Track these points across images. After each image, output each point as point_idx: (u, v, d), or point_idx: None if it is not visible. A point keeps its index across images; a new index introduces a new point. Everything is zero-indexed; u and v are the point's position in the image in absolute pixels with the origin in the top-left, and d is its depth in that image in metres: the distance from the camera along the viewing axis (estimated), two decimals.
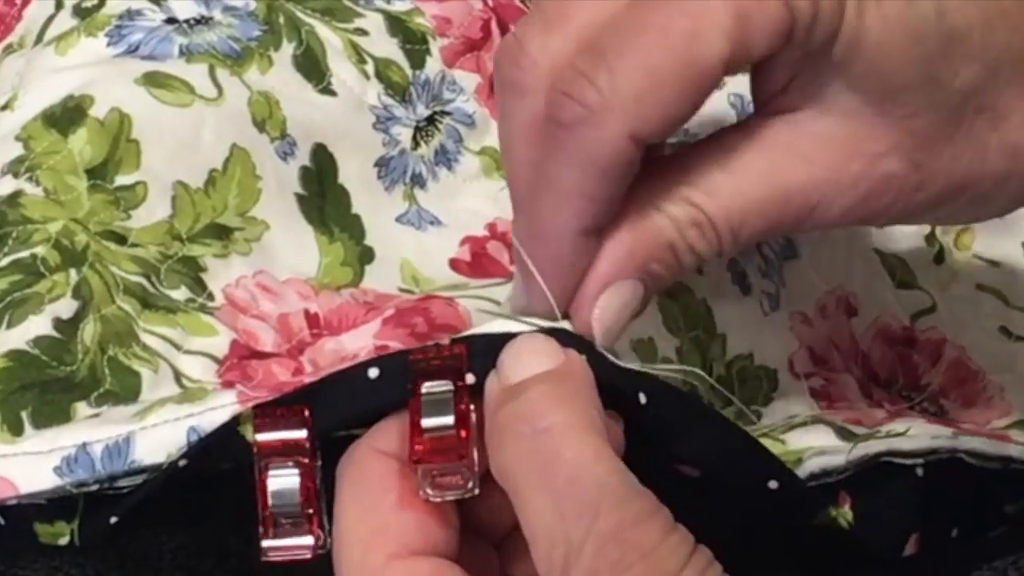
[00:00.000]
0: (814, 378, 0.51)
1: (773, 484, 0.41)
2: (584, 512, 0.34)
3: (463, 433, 0.37)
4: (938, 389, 0.53)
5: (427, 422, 0.37)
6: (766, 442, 0.46)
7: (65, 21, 0.53)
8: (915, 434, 0.45)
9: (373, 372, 0.39)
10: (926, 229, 0.57)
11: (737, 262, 0.51)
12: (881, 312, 0.54)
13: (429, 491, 0.37)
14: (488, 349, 0.38)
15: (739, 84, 0.52)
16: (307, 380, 0.39)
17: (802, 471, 0.43)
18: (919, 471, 0.44)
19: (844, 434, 0.46)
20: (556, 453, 0.35)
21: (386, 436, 0.38)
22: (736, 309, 0.50)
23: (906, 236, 0.57)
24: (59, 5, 0.55)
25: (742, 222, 0.38)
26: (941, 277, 0.57)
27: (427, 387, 0.37)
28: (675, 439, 0.40)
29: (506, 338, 0.38)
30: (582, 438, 0.35)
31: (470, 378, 0.38)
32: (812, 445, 0.45)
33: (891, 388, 0.53)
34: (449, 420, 0.37)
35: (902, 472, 0.44)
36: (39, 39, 0.53)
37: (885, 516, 0.43)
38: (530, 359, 0.37)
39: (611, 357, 0.39)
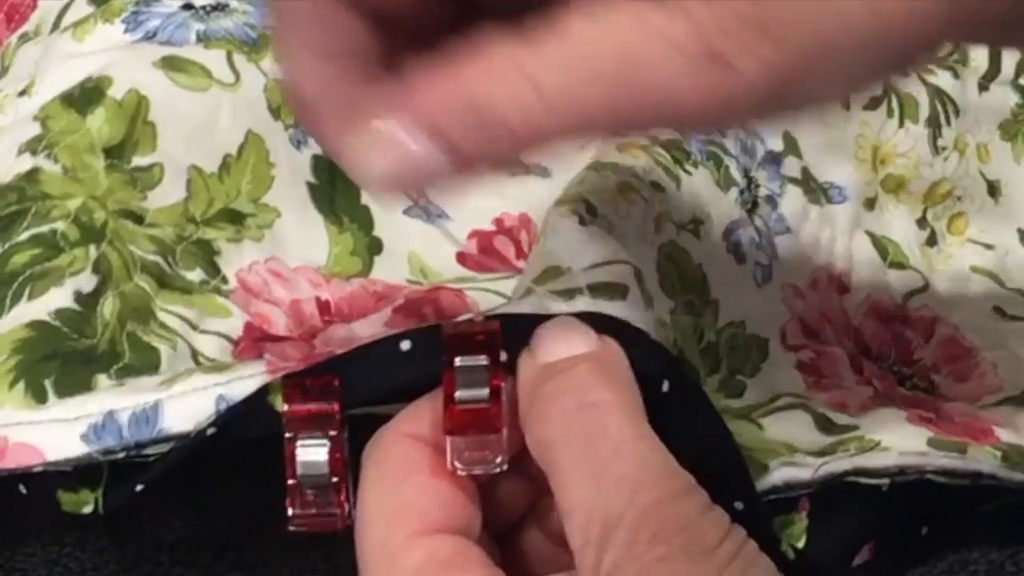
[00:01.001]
0: (804, 351, 0.51)
1: (739, 505, 0.41)
2: (624, 485, 0.34)
3: (496, 407, 0.37)
4: (930, 364, 0.53)
5: (461, 394, 0.37)
6: (743, 425, 0.46)
7: (81, 8, 0.54)
8: (886, 446, 0.45)
9: (405, 345, 0.39)
10: (917, 213, 0.58)
11: (732, 231, 0.51)
12: (873, 290, 0.55)
13: (458, 464, 0.37)
14: (521, 328, 0.38)
15: None
16: (338, 351, 0.39)
17: (768, 481, 0.43)
18: (884, 486, 0.44)
19: (824, 424, 0.47)
20: (601, 428, 0.35)
21: (414, 420, 0.38)
22: (730, 277, 0.50)
23: (897, 220, 0.57)
24: None
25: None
26: (934, 259, 0.57)
27: (461, 360, 0.37)
28: (674, 428, 0.40)
29: (537, 319, 0.38)
30: (626, 415, 0.35)
31: (503, 355, 0.38)
32: (787, 440, 0.45)
33: (883, 363, 0.53)
34: (484, 392, 0.37)
35: (866, 486, 0.44)
36: (55, 26, 0.54)
37: (841, 529, 0.44)
38: (567, 340, 0.37)
39: (643, 328, 0.39)
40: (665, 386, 0.39)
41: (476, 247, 0.54)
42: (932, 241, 0.58)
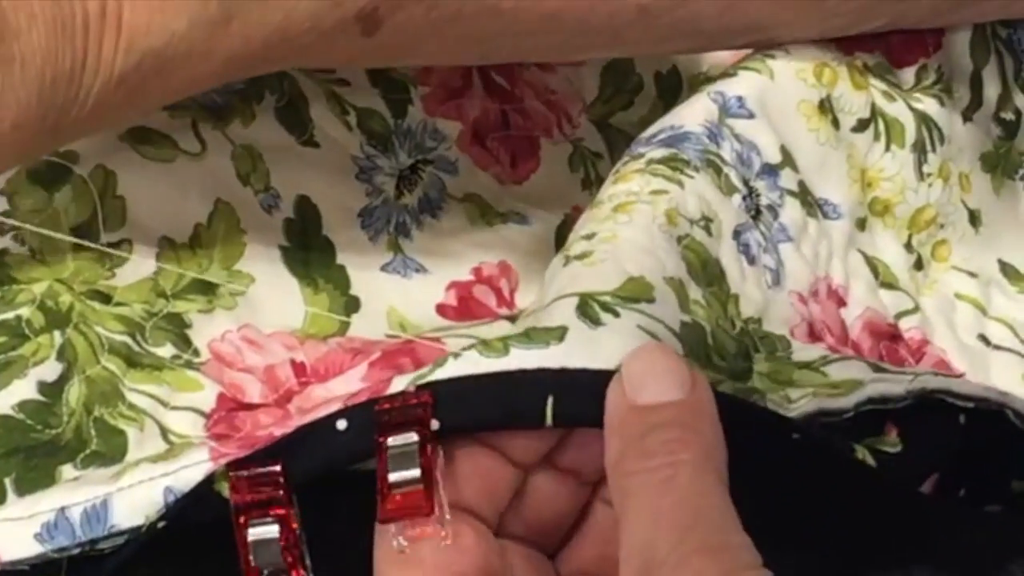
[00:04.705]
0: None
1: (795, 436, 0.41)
2: (676, 530, 0.35)
3: (428, 489, 0.37)
4: None
5: (394, 477, 0.38)
6: (808, 373, 0.46)
7: None
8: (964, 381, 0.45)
9: (341, 424, 0.39)
10: (903, 238, 0.57)
11: (740, 232, 0.51)
12: (868, 306, 0.54)
13: (402, 542, 0.38)
14: (454, 394, 0.39)
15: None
16: (278, 433, 0.40)
17: (863, 393, 0.43)
18: (962, 418, 0.43)
19: (878, 370, 0.46)
20: (677, 486, 0.35)
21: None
22: (744, 275, 0.50)
23: (886, 242, 0.57)
24: None
25: None
26: (921, 283, 0.57)
27: (392, 441, 0.38)
28: None
29: (471, 380, 0.39)
30: (704, 479, 0.36)
31: (435, 424, 0.38)
32: (854, 377, 0.45)
33: None
34: (415, 473, 0.37)
35: (947, 414, 0.43)
36: None
37: (922, 450, 0.43)
38: (662, 380, 0.37)
39: None
40: None
41: (455, 298, 0.54)
42: (919, 265, 0.57)
